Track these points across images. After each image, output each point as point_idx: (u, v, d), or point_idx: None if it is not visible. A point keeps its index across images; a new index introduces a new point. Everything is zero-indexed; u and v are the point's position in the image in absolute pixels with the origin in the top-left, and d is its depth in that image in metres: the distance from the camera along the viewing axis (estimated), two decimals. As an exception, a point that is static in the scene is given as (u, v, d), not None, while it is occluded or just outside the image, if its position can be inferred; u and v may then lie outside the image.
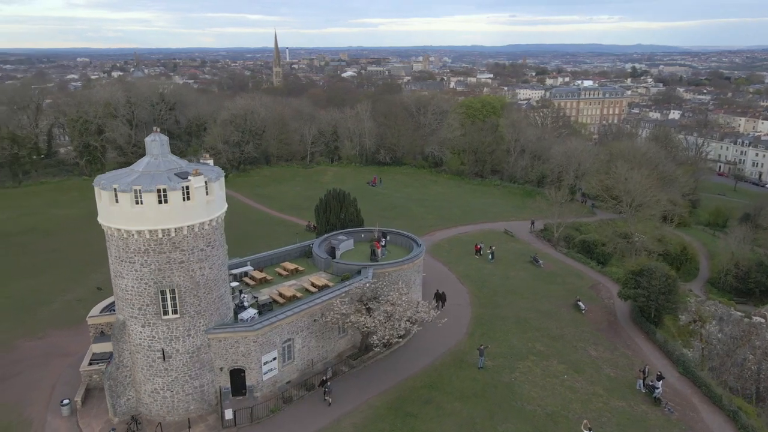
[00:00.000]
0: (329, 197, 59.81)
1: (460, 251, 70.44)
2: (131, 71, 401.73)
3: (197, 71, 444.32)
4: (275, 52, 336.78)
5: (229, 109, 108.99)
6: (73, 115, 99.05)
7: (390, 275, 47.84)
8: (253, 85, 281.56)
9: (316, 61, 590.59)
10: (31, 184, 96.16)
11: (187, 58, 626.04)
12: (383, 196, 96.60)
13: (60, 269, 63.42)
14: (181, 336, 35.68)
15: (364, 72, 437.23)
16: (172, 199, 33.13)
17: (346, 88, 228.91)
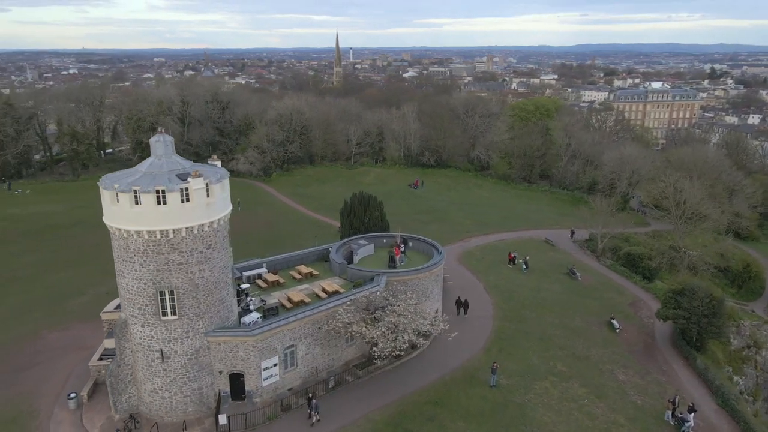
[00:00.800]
0: (354, 200, 58.80)
1: (492, 260, 67.78)
2: (201, 71, 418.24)
3: (263, 71, 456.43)
4: (336, 53, 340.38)
5: (275, 108, 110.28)
6: (128, 113, 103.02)
7: (405, 284, 46.27)
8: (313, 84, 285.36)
9: (378, 61, 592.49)
10: (88, 179, 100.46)
11: (255, 58, 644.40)
12: (423, 199, 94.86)
13: (98, 262, 65.38)
14: (179, 337, 35.64)
15: (426, 72, 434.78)
16: (171, 201, 33.04)
17: (402, 89, 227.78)
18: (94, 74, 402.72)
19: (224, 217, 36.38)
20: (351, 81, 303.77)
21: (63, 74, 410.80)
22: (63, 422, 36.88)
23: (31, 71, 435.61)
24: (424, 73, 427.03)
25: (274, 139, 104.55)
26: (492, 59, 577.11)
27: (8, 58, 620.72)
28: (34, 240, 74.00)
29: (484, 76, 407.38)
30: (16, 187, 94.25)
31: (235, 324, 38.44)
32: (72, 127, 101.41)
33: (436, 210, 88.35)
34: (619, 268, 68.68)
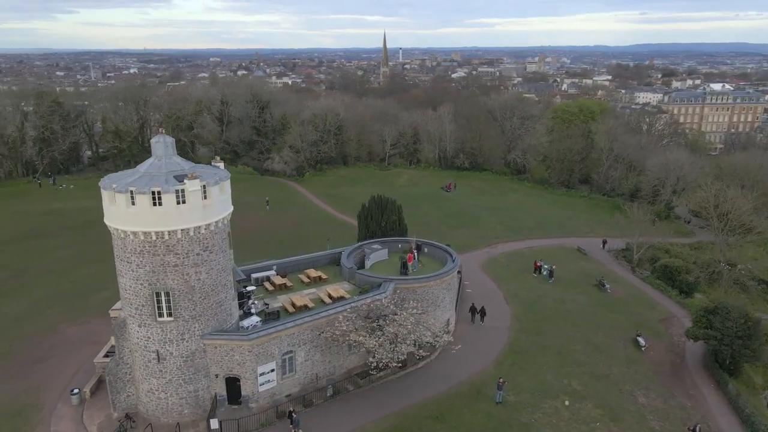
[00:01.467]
0: (372, 204, 57.78)
1: (517, 267, 65.39)
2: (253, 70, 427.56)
3: (313, 71, 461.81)
4: (383, 53, 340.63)
5: (310, 108, 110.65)
6: (168, 112, 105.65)
7: (414, 292, 44.94)
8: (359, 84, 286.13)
9: (428, 62, 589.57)
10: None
11: (306, 58, 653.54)
12: (454, 202, 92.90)
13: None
14: (175, 339, 35.55)
15: (475, 73, 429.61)
16: (166, 202, 32.92)
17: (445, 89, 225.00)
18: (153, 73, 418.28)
19: (222, 219, 36.06)
20: (397, 81, 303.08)
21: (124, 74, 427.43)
22: (64, 418, 37.47)
23: (95, 71, 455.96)
24: (473, 73, 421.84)
25: (307, 139, 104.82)
26: (544, 59, 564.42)
27: (75, 57, 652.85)
28: (72, 234, 76.33)
29: (534, 77, 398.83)
30: (61, 182, 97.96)
31: (235, 327, 38.11)
32: (115, 125, 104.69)
33: (467, 214, 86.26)
34: (655, 281, 64.95)
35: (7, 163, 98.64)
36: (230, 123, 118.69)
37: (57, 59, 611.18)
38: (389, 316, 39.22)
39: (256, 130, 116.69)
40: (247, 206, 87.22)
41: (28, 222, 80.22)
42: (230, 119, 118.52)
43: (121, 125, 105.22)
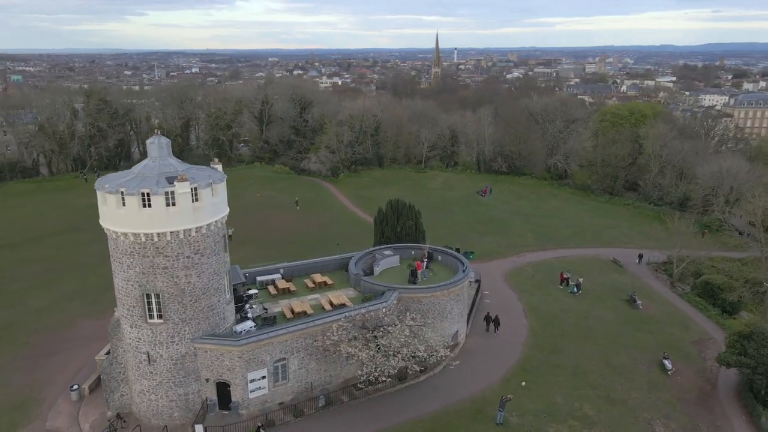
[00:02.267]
0: (388, 208, 56.36)
1: (542, 279, 62.41)
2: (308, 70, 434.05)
3: (367, 71, 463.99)
4: (435, 53, 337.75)
5: (346, 109, 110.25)
6: (208, 111, 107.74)
7: (420, 302, 43.32)
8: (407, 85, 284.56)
9: (483, 62, 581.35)
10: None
11: (362, 58, 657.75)
12: (488, 208, 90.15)
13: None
14: (164, 342, 35.41)
15: (531, 73, 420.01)
16: (155, 204, 32.74)
17: (495, 90, 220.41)
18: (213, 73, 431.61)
19: (215, 222, 35.57)
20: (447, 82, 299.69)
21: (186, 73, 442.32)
22: (61, 414, 38.07)
23: (159, 70, 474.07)
24: (529, 74, 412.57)
25: (343, 139, 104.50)
26: (605, 60, 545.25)
27: (143, 57, 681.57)
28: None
29: (592, 78, 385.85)
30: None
31: (229, 331, 37.66)
32: (158, 123, 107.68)
33: (498, 220, 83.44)
34: (694, 298, 60.54)
35: (56, 158, 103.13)
36: (271, 122, 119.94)
37: (126, 59, 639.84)
38: (386, 327, 37.79)
39: (295, 129, 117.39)
40: (279, 206, 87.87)
41: (69, 216, 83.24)
42: (271, 119, 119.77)
43: (164, 123, 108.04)
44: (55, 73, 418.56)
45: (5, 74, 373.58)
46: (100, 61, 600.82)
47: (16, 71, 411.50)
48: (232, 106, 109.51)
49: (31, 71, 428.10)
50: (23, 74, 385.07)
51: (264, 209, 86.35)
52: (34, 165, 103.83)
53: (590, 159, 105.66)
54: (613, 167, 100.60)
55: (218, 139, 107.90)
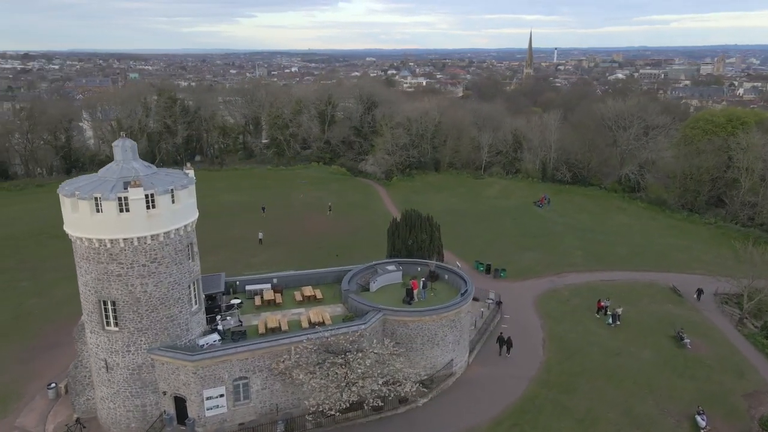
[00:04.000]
0: (402, 218, 52.75)
1: (578, 304, 55.99)
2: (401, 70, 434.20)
3: (461, 71, 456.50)
4: (528, 54, 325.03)
5: (404, 111, 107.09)
6: (269, 110, 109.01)
7: (407, 326, 39.64)
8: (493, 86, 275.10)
9: (585, 63, 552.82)
10: (229, 169, 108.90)
11: (458, 58, 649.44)
12: (541, 220, 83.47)
13: None
14: (120, 350, 34.48)
15: (636, 75, 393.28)
16: (106, 209, 31.75)
17: (585, 92, 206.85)
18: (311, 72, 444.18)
19: (177, 230, 34.06)
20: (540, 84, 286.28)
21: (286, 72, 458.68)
22: (34, 411, 38.41)
23: (260, 69, 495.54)
24: (635, 75, 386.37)
25: (398, 142, 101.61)
26: (723, 60, 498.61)
27: (249, 57, 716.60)
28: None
29: (706, 80, 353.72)
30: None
31: (192, 343, 36.18)
32: (224, 121, 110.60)
33: (547, 234, 76.81)
34: (762, 340, 51.66)
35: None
36: (334, 123, 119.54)
37: (234, 58, 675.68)
38: (355, 352, 34.57)
39: (356, 130, 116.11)
40: (321, 207, 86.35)
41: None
42: (335, 119, 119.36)
43: (229, 122, 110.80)
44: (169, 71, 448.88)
45: (125, 72, 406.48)
46: (210, 60, 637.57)
47: (136, 69, 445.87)
48: (292, 106, 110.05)
49: (149, 69, 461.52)
50: (141, 72, 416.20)
51: (305, 210, 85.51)
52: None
53: (670, 170, 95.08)
54: (695, 181, 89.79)
55: (276, 138, 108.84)
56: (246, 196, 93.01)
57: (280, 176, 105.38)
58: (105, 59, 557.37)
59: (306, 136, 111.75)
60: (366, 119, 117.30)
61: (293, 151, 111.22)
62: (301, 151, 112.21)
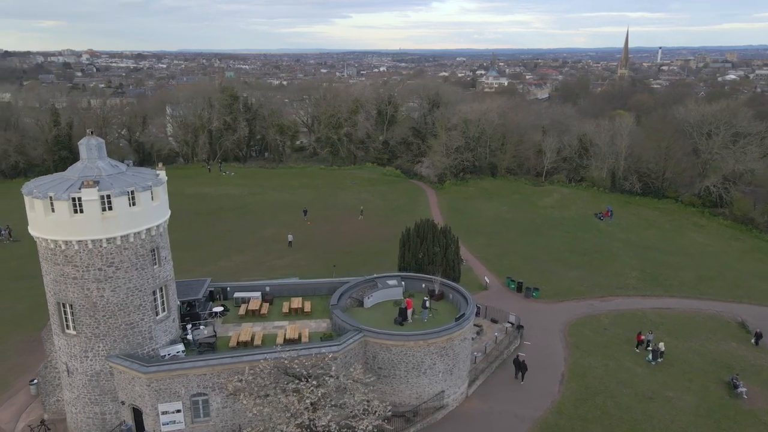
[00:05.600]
0: (415, 229, 48.51)
1: (616, 335, 49.11)
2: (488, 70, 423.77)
3: (552, 71, 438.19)
4: (623, 53, 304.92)
5: (461, 112, 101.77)
6: (324, 109, 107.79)
7: (389, 350, 35.72)
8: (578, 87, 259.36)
9: (693, 62, 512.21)
10: (281, 168, 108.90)
11: (551, 58, 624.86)
12: (597, 234, 75.62)
13: (221, 245, 69.23)
14: (78, 355, 33.25)
15: (752, 76, 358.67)
16: (58, 210, 30.49)
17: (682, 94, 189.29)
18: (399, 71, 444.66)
19: (135, 234, 32.27)
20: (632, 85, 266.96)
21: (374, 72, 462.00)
22: (13, 406, 38.31)
23: (350, 68, 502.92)
24: (750, 77, 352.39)
25: (452, 144, 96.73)
26: None
27: (342, 57, 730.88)
28: (194, 218, 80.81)
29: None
30: (227, 169, 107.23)
31: (156, 352, 34.42)
32: (279, 119, 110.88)
33: (601, 251, 69.17)
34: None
35: (185, 148, 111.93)
36: (394, 123, 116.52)
37: (327, 58, 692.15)
38: (320, 377, 31.15)
39: (415, 131, 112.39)
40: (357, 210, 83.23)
41: (172, 203, 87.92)
42: (395, 119, 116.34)
43: (285, 120, 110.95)
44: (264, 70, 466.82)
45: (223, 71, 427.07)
46: (304, 60, 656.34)
47: (234, 68, 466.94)
48: (348, 106, 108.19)
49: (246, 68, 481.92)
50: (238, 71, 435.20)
51: (344, 212, 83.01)
52: (173, 153, 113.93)
53: (761, 184, 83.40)
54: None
55: (330, 137, 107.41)
56: (292, 196, 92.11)
57: (331, 176, 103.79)
58: (208, 59, 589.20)
59: (362, 136, 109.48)
60: (427, 120, 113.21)
61: (347, 151, 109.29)
62: (356, 152, 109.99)
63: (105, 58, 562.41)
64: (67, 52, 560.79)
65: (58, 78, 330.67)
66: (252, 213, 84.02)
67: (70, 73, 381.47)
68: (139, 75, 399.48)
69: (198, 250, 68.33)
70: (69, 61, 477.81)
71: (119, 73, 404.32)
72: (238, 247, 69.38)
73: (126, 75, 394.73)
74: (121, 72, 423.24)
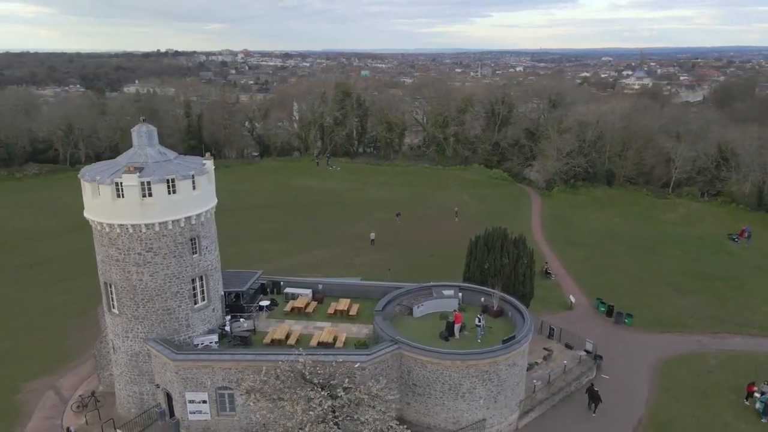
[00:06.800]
0: (484, 236, 44.35)
1: (720, 381, 41.11)
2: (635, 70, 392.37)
3: (714, 71, 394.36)
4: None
5: (577, 113, 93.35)
6: (432, 108, 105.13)
7: (425, 367, 32.64)
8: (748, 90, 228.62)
9: None
10: (386, 165, 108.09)
11: (714, 57, 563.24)
12: (726, 257, 65.05)
13: (301, 239, 69.86)
14: (121, 334, 34.39)
15: None
16: (103, 193, 31.58)
17: None
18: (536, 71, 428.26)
19: (173, 221, 32.44)
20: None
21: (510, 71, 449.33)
22: (77, 375, 40.88)
23: (485, 68, 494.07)
24: None
25: (563, 147, 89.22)
26: None
27: (478, 56, 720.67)
28: (293, 210, 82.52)
29: None
30: (334, 163, 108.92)
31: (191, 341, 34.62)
32: (387, 116, 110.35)
33: (727, 277, 59.11)
34: None
35: (299, 142, 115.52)
36: (509, 124, 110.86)
37: (463, 58, 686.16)
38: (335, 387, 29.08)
39: (528, 133, 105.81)
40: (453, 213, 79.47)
41: (276, 194, 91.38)
42: (509, 119, 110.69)
43: (394, 118, 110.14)
44: (399, 69, 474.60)
45: (359, 69, 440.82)
46: (440, 59, 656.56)
47: (370, 67, 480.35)
48: (458, 104, 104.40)
49: (381, 67, 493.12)
50: (374, 69, 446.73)
51: (440, 214, 79.88)
52: (287, 147, 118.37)
53: None
54: None
55: (435, 136, 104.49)
56: (392, 194, 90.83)
57: (434, 176, 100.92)
58: (348, 58, 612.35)
59: (470, 136, 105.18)
60: (541, 121, 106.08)
61: (453, 151, 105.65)
62: (463, 152, 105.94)
63: (257, 57, 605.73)
64: (226, 52, 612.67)
65: (215, 75, 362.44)
66: (348, 209, 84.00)
67: (225, 70, 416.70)
68: (284, 73, 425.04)
69: (285, 241, 69.50)
70: (226, 60, 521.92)
71: (267, 71, 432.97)
72: (323, 242, 69.41)
73: (272, 73, 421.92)
74: (269, 70, 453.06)
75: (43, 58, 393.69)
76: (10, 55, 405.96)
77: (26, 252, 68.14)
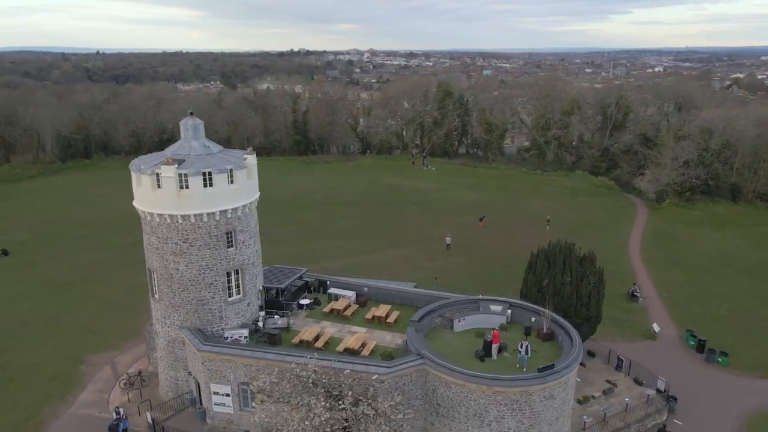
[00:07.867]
0: (545, 251, 40.19)
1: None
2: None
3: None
4: None
5: (700, 119, 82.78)
6: (535, 108, 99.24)
7: (449, 387, 30.09)
8: None
9: None
10: (482, 167, 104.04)
11: None
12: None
13: (378, 237, 69.05)
14: (160, 320, 35.57)
15: None
16: (144, 183, 32.77)
17: None
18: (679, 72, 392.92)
19: (208, 214, 32.77)
20: None
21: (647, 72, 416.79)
22: (134, 354, 43.03)
23: (619, 68, 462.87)
24: None
25: (679, 156, 79.76)
26: None
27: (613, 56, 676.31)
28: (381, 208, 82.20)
29: None
30: (430, 163, 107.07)
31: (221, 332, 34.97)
32: (488, 116, 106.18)
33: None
34: None
35: (397, 140, 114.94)
36: (623, 128, 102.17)
37: (596, 57, 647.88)
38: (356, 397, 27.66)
39: (644, 138, 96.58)
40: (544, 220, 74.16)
41: (365, 191, 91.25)
42: (623, 124, 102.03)
43: (493, 119, 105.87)
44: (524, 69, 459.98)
45: (481, 69, 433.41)
46: (569, 59, 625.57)
47: (493, 67, 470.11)
48: (563, 106, 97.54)
49: (505, 67, 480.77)
50: (497, 70, 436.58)
51: (529, 221, 74.99)
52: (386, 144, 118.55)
53: None
54: None
55: (536, 140, 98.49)
56: (481, 197, 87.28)
57: (531, 181, 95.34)
58: (472, 57, 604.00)
59: (575, 139, 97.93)
60: (661, 126, 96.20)
61: (554, 156, 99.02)
62: (566, 157, 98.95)
63: (382, 56, 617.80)
64: (353, 51, 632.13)
65: (341, 73, 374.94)
66: (433, 210, 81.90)
67: (350, 69, 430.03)
68: (406, 72, 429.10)
69: (361, 239, 69.06)
70: (353, 59, 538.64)
71: (390, 70, 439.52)
72: (399, 242, 68.04)
73: (395, 72, 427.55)
74: (392, 69, 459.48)
75: (192, 57, 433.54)
76: (166, 55, 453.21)
77: (131, 233, 73.85)
